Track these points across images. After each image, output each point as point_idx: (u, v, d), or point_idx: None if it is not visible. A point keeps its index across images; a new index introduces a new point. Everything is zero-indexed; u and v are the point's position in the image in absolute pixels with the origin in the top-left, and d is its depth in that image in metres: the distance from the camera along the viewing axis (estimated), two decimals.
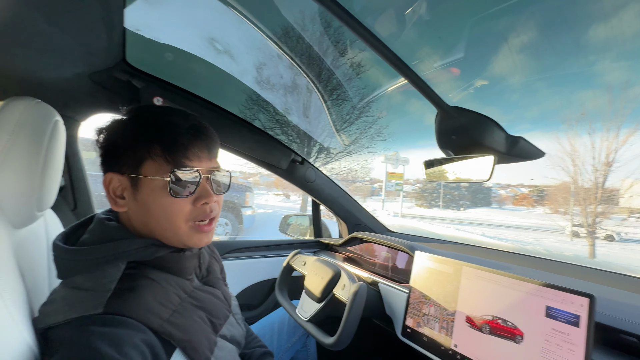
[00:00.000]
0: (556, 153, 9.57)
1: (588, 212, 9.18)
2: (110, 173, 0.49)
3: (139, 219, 0.51)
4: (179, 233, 0.51)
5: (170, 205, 0.49)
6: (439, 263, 0.84)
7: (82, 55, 0.69)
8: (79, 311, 0.40)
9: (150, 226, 0.50)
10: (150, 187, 0.48)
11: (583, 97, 10.08)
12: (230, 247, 1.33)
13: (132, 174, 0.49)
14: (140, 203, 0.49)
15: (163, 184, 0.48)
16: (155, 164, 0.48)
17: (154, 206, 0.49)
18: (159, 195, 0.49)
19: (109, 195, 0.50)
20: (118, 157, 0.49)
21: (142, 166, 0.49)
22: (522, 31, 1.52)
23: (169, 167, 0.48)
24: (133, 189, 0.49)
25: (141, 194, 0.49)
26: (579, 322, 0.57)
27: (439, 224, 13.99)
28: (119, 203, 0.50)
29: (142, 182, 0.49)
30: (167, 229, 0.50)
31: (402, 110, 14.11)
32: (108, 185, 0.50)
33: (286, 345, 1.02)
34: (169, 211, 0.49)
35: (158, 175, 0.48)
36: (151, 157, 0.48)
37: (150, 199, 0.49)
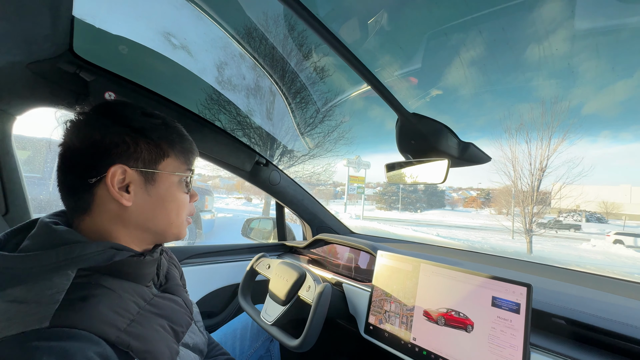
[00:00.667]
0: (500, 159, 10.57)
1: (526, 213, 10.25)
2: (116, 165, 0.47)
3: (145, 213, 0.51)
4: (179, 226, 0.55)
5: (183, 200, 0.55)
6: (399, 261, 0.89)
7: (18, 42, 0.61)
8: (19, 327, 0.36)
9: (155, 220, 0.52)
10: (168, 182, 0.52)
11: (522, 109, 11.25)
12: (190, 252, 1.27)
13: (148, 169, 0.50)
14: (154, 197, 0.51)
15: (179, 180, 0.54)
16: (175, 162, 0.53)
17: (169, 200, 0.53)
18: (175, 191, 0.53)
19: (112, 188, 0.47)
20: (130, 151, 0.48)
21: (162, 162, 0.51)
22: (472, 47, 1.67)
23: (185, 165, 0.55)
24: (147, 184, 0.50)
25: (158, 189, 0.51)
26: (519, 309, 0.64)
27: (399, 226, 14.64)
28: (125, 197, 0.48)
29: (160, 176, 0.51)
30: (174, 222, 0.54)
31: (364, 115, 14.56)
32: (112, 178, 0.47)
33: (249, 352, 1.00)
34: (181, 205, 0.55)
35: (178, 172, 0.53)
36: (174, 154, 0.53)
37: (167, 194, 0.52)
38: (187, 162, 0.55)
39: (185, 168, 0.55)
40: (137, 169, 0.49)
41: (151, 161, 0.50)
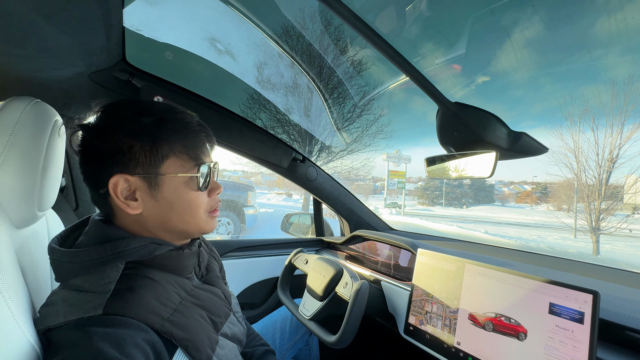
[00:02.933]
0: (559, 150, 9.51)
1: (592, 209, 9.12)
2: (116, 175, 0.46)
3: (157, 218, 0.50)
4: (200, 224, 0.53)
5: (195, 199, 0.52)
6: (441, 261, 0.84)
7: (81, 54, 0.68)
8: (79, 313, 0.40)
9: (170, 222, 0.51)
10: (174, 184, 0.50)
11: (587, 93, 9.93)
12: (232, 246, 1.34)
13: (150, 173, 0.48)
14: (161, 202, 0.49)
15: (186, 179, 0.50)
16: (179, 161, 0.50)
17: (178, 202, 0.50)
18: (183, 191, 0.50)
19: (118, 200, 0.47)
20: (128, 158, 0.46)
21: (164, 164, 0.49)
22: (525, 26, 1.51)
23: (192, 163, 0.51)
24: (151, 189, 0.48)
25: (163, 192, 0.49)
26: (583, 318, 0.56)
27: (442, 222, 13.96)
28: (132, 205, 0.48)
29: (163, 180, 0.49)
30: (190, 221, 0.52)
31: (404, 107, 14.03)
32: (115, 189, 0.46)
33: (289, 344, 1.02)
34: (194, 205, 0.52)
35: (183, 172, 0.50)
36: (175, 154, 0.49)
37: (175, 196, 0.50)
38: (194, 158, 0.51)
39: (192, 165, 0.51)
40: (138, 175, 0.47)
41: (150, 165, 0.48)
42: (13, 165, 0.47)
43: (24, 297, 0.43)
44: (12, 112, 0.49)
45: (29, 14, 0.49)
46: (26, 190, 0.50)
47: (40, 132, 0.52)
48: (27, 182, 0.50)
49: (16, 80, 0.74)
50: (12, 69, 0.68)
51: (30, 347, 0.40)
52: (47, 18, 0.51)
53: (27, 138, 0.50)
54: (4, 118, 0.48)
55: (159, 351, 0.42)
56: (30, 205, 0.51)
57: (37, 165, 0.51)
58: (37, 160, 0.51)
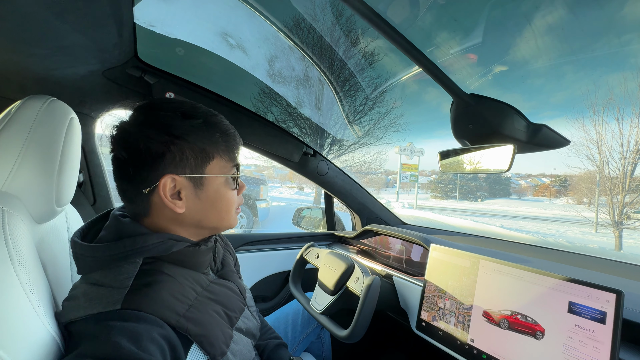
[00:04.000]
0: (581, 141, 9.13)
1: (615, 203, 8.75)
2: (166, 176, 0.47)
3: (197, 216, 0.52)
4: (230, 219, 0.56)
5: (232, 198, 0.56)
6: (455, 256, 0.82)
7: (94, 52, 0.69)
8: (99, 307, 0.41)
9: (208, 220, 0.53)
10: (217, 184, 0.53)
11: (612, 81, 9.42)
12: (245, 240, 1.35)
13: (196, 174, 0.50)
14: (204, 200, 0.52)
15: (226, 179, 0.54)
16: (221, 162, 0.53)
17: (219, 201, 0.53)
18: (225, 190, 0.54)
19: (166, 200, 0.48)
20: (177, 159, 0.48)
21: (208, 165, 0.51)
22: (548, 11, 1.43)
23: (231, 164, 0.54)
24: (196, 188, 0.51)
25: (207, 192, 0.52)
26: (605, 318, 0.54)
27: (456, 216, 13.73)
28: (178, 204, 0.49)
29: (207, 180, 0.51)
30: (225, 218, 0.55)
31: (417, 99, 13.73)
32: (164, 189, 0.48)
33: (300, 337, 1.03)
34: (230, 203, 0.55)
35: (225, 173, 0.53)
36: (219, 155, 0.52)
37: (217, 195, 0.53)
38: (232, 159, 0.54)
39: (231, 166, 0.54)
40: (185, 175, 0.49)
41: (197, 166, 0.50)
42: (31, 162, 0.49)
43: (44, 290, 0.45)
44: (29, 110, 0.50)
45: (43, 12, 0.50)
46: (44, 186, 0.51)
47: (57, 129, 0.53)
48: (45, 178, 0.51)
49: (34, 79, 0.76)
50: (30, 67, 0.70)
51: (52, 338, 0.41)
52: (60, 16, 0.52)
53: (45, 135, 0.51)
54: (21, 116, 0.49)
55: (175, 346, 0.42)
56: (49, 200, 0.52)
57: (55, 161, 0.53)
58: (55, 157, 0.53)
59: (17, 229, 0.43)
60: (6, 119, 0.49)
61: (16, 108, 0.50)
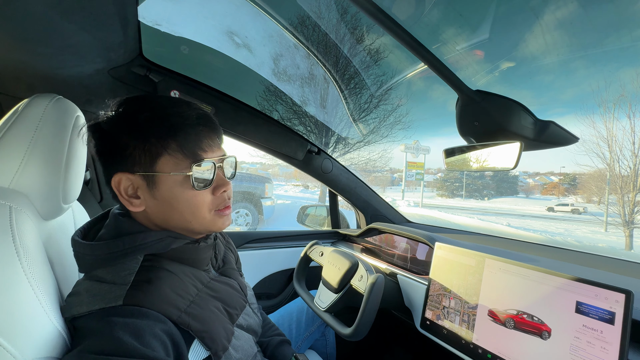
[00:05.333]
0: (591, 138, 8.97)
1: (625, 202, 8.58)
2: (119, 173, 0.47)
3: (160, 216, 0.50)
4: (204, 223, 0.52)
5: (194, 198, 0.49)
6: (460, 255, 0.81)
7: (100, 51, 0.70)
8: (101, 303, 0.42)
9: (173, 221, 0.50)
10: (170, 183, 0.48)
11: (624, 77, 9.19)
12: (249, 237, 1.36)
13: (147, 172, 0.47)
14: (160, 200, 0.48)
15: (183, 178, 0.48)
16: (173, 159, 0.47)
17: (176, 201, 0.49)
18: (180, 190, 0.48)
19: (121, 196, 0.48)
20: (126, 156, 0.47)
21: (158, 163, 0.47)
22: (557, 6, 1.40)
23: (188, 161, 0.48)
24: (149, 187, 0.48)
25: (160, 191, 0.48)
26: (614, 319, 0.53)
27: (462, 214, 13.61)
28: (135, 203, 0.48)
29: (159, 178, 0.47)
30: (192, 220, 0.50)
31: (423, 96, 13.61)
32: (118, 186, 0.48)
33: (304, 334, 1.03)
34: (193, 204, 0.50)
35: (177, 171, 0.48)
36: (168, 152, 0.47)
37: (172, 195, 0.48)
38: (190, 156, 0.48)
39: (188, 163, 0.48)
40: (138, 173, 0.47)
41: (146, 163, 0.47)
42: (38, 159, 0.50)
43: (51, 286, 0.46)
44: (35, 108, 0.51)
45: (48, 12, 0.50)
46: (51, 184, 0.52)
47: (63, 127, 0.54)
48: (52, 176, 0.52)
49: (41, 77, 0.77)
50: (36, 67, 0.71)
51: (58, 333, 0.42)
52: (65, 16, 0.52)
53: (51, 133, 0.51)
54: (28, 115, 0.50)
55: (177, 341, 0.43)
56: (56, 198, 0.53)
57: (61, 159, 0.53)
58: (61, 154, 0.53)
59: (24, 225, 0.43)
60: (13, 117, 0.50)
61: (23, 106, 0.51)
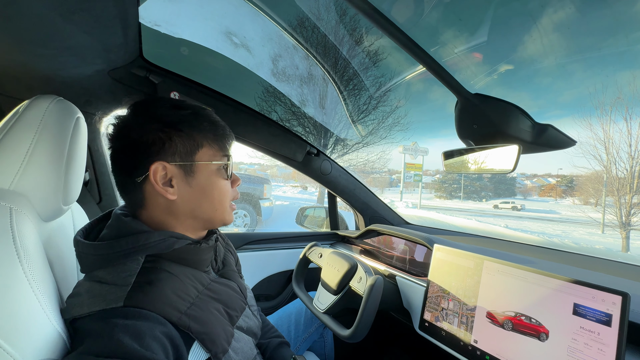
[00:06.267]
0: (588, 141, 9.02)
1: (622, 203, 8.63)
2: (157, 163, 0.49)
3: (189, 204, 0.53)
4: (224, 212, 0.57)
5: (224, 187, 0.56)
6: (459, 257, 0.82)
7: (100, 52, 0.70)
8: (102, 304, 0.42)
9: (201, 209, 0.54)
10: (207, 172, 0.53)
11: (621, 80, 9.25)
12: (248, 239, 1.36)
13: (186, 162, 0.51)
14: (195, 188, 0.53)
15: (217, 168, 0.54)
16: (211, 150, 0.54)
17: (211, 188, 0.54)
18: (215, 178, 0.54)
19: (157, 184, 0.49)
20: (166, 147, 0.50)
21: (197, 153, 0.52)
22: (554, 10, 1.42)
23: (221, 153, 0.55)
24: (187, 176, 0.52)
25: (197, 179, 0.53)
26: (611, 321, 0.54)
27: (460, 216, 13.64)
28: (170, 191, 0.50)
29: (198, 167, 0.52)
30: (218, 209, 0.56)
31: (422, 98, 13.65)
32: (155, 176, 0.49)
33: (303, 336, 1.03)
34: (223, 192, 0.56)
35: (214, 160, 0.54)
36: (208, 143, 0.53)
37: (208, 182, 0.54)
38: (222, 149, 0.55)
39: (221, 155, 0.55)
40: (175, 163, 0.50)
41: (187, 153, 0.51)
42: (39, 161, 0.49)
43: (51, 288, 0.45)
44: (36, 110, 0.51)
45: (49, 13, 0.50)
46: (52, 185, 0.52)
47: (64, 128, 0.54)
48: (52, 177, 0.52)
49: (41, 79, 0.77)
50: (36, 68, 0.71)
51: (58, 335, 0.42)
52: (65, 17, 0.52)
53: (52, 135, 0.51)
54: (29, 116, 0.50)
55: (177, 344, 0.43)
56: (56, 199, 0.53)
57: (62, 160, 0.53)
58: (61, 155, 0.53)
59: (24, 227, 0.43)
60: (14, 118, 0.50)
61: (24, 108, 0.51)
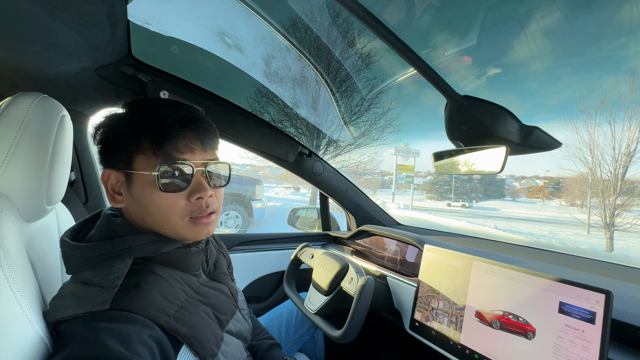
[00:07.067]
0: (574, 143, 9.25)
1: (606, 205, 8.88)
2: (108, 169, 0.49)
3: (136, 214, 0.50)
4: (175, 229, 0.49)
5: (163, 201, 0.48)
6: (448, 257, 0.83)
7: (87, 49, 0.68)
8: (87, 307, 0.41)
9: (147, 222, 0.49)
10: (142, 183, 0.47)
11: (605, 84, 9.53)
12: (239, 239, 1.35)
13: (126, 170, 0.48)
14: (135, 199, 0.49)
15: (153, 178, 0.47)
16: (146, 158, 0.47)
17: (146, 202, 0.48)
18: (150, 191, 0.47)
19: (107, 191, 0.50)
20: (113, 153, 0.49)
21: (134, 161, 0.48)
22: (542, 15, 1.45)
23: (159, 161, 0.47)
24: (127, 185, 0.49)
25: (134, 190, 0.48)
26: (595, 319, 0.55)
27: (450, 216, 13.81)
28: (117, 199, 0.50)
29: (134, 177, 0.48)
30: (163, 225, 0.49)
31: (414, 100, 13.80)
32: (107, 182, 0.50)
33: (294, 337, 1.03)
34: (163, 207, 0.48)
35: (147, 170, 0.47)
36: (140, 151, 0.47)
37: (142, 195, 0.48)
38: (163, 157, 0.47)
39: (156, 164, 0.47)
40: (121, 170, 0.49)
41: (125, 161, 0.48)
42: (21, 160, 0.48)
43: (33, 291, 0.44)
44: (19, 107, 0.49)
45: (34, 9, 0.49)
46: (34, 185, 0.50)
47: (48, 127, 0.52)
48: (35, 177, 0.50)
49: (25, 76, 0.75)
50: (20, 64, 0.69)
51: (40, 339, 0.40)
52: (52, 13, 0.51)
53: (35, 133, 0.50)
54: (11, 113, 0.48)
55: (165, 347, 0.42)
56: (39, 199, 0.52)
57: (45, 159, 0.52)
58: (45, 155, 0.52)
59: (5, 227, 0.42)
60: None
61: (6, 105, 0.49)
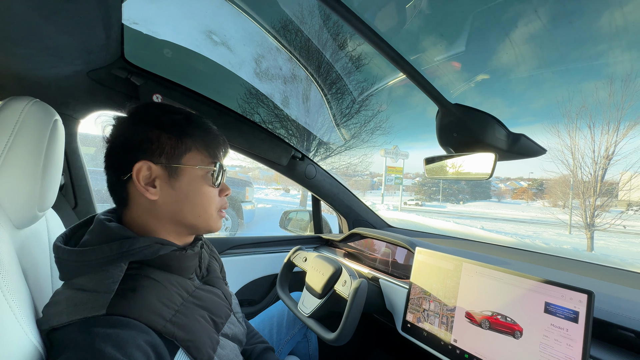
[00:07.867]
0: (556, 146, 9.55)
1: (587, 206, 9.20)
2: (141, 161, 0.49)
3: (171, 207, 0.52)
4: (209, 219, 0.56)
5: (208, 194, 0.55)
6: (439, 259, 0.85)
7: (80, 52, 0.67)
8: (83, 313, 0.40)
9: (182, 213, 0.53)
10: (192, 176, 0.53)
11: (585, 90, 9.90)
12: (231, 243, 1.34)
13: (172, 164, 0.51)
14: (178, 191, 0.52)
15: (203, 173, 0.54)
16: (199, 156, 0.54)
17: (193, 194, 0.53)
18: (199, 184, 0.54)
19: (138, 183, 0.49)
20: (154, 148, 0.50)
21: (184, 156, 0.52)
22: (524, 25, 1.51)
23: (210, 159, 0.55)
24: (170, 177, 0.51)
25: (181, 182, 0.52)
26: (578, 318, 0.58)
27: (439, 218, 14.02)
28: (151, 191, 0.50)
29: (183, 170, 0.52)
30: (201, 215, 0.55)
31: (403, 103, 13.98)
32: (138, 174, 0.49)
33: (286, 338, 1.03)
34: (207, 199, 0.55)
35: (203, 165, 0.54)
36: (197, 148, 0.53)
37: (191, 187, 0.53)
38: (211, 156, 0.55)
39: (209, 161, 0.55)
40: (161, 164, 0.51)
41: (174, 155, 0.51)
42: (13, 166, 0.47)
43: (26, 298, 0.43)
44: (11, 112, 0.48)
45: (29, 13, 0.48)
46: (27, 191, 0.49)
47: (40, 132, 0.52)
48: (28, 183, 0.49)
49: (15, 78, 0.73)
50: (11, 67, 0.67)
51: (33, 348, 0.40)
52: (46, 17, 0.50)
53: (27, 138, 0.49)
54: (3, 118, 0.47)
55: (161, 352, 0.42)
56: (31, 205, 0.51)
57: (38, 165, 0.51)
58: (38, 160, 0.51)
59: None
60: None
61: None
